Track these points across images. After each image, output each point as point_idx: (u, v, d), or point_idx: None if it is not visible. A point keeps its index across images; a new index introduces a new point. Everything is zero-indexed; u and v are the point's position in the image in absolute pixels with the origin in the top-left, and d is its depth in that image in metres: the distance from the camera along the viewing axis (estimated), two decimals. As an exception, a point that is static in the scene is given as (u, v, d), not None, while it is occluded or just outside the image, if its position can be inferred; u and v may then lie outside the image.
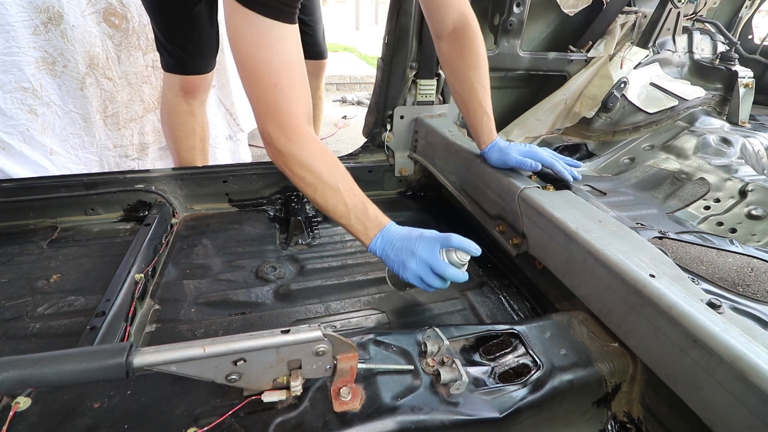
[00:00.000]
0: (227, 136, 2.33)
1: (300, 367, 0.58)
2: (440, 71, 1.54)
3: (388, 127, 1.57)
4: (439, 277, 0.88)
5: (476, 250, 0.89)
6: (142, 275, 1.01)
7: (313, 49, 2.05)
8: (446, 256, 0.88)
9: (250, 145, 2.67)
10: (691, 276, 0.90)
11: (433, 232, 0.92)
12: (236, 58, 0.89)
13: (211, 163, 1.76)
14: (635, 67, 1.82)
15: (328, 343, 0.56)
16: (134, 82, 1.83)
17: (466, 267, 0.90)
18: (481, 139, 1.22)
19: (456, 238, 0.89)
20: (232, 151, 2.39)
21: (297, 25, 0.89)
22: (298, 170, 0.91)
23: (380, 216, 0.96)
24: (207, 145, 1.70)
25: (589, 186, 1.53)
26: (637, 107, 1.83)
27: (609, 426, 0.75)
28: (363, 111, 4.14)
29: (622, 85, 1.78)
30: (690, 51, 1.99)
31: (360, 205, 0.95)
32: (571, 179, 1.12)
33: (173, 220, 1.33)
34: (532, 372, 0.70)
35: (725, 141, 1.65)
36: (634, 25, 1.83)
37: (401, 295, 1.10)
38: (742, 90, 1.89)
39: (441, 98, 1.60)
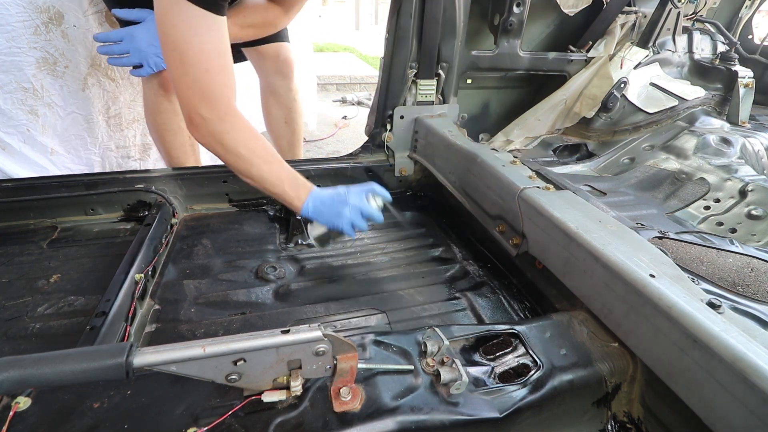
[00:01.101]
0: None
1: (300, 367, 0.58)
2: (440, 71, 1.54)
3: (388, 127, 1.57)
4: (365, 220, 1.07)
5: (388, 195, 1.11)
6: (142, 275, 1.01)
7: None
8: (371, 202, 1.08)
9: None
10: (691, 276, 0.90)
11: (356, 185, 1.10)
12: (166, 44, 0.92)
13: (202, 159, 1.76)
14: (635, 67, 1.82)
15: (328, 343, 0.56)
16: (136, 82, 1.82)
17: (381, 209, 1.10)
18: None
19: (377, 186, 1.10)
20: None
21: (225, 18, 0.94)
22: (233, 147, 0.98)
23: (307, 182, 1.08)
24: (195, 142, 1.69)
25: (589, 186, 1.53)
26: (637, 107, 1.83)
27: (609, 426, 0.75)
28: (363, 111, 4.14)
29: (622, 85, 1.78)
30: (690, 51, 1.99)
31: (290, 174, 1.06)
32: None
33: (173, 220, 1.33)
34: (532, 372, 0.70)
35: (725, 141, 1.65)
36: (634, 25, 1.83)
37: (401, 294, 1.10)
38: (742, 90, 1.89)
39: (441, 98, 1.60)
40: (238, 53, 1.70)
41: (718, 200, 1.42)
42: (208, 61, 0.91)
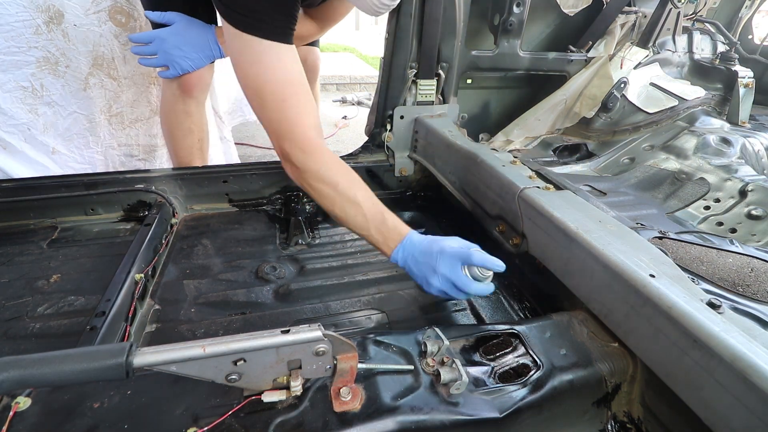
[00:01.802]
0: (220, 137, 2.33)
1: (300, 367, 0.58)
2: (440, 71, 1.54)
3: (388, 127, 1.57)
4: (463, 292, 0.88)
5: (500, 266, 0.86)
6: (142, 275, 1.01)
7: None
8: (468, 272, 0.88)
9: (236, 143, 2.67)
10: (691, 276, 0.90)
11: (455, 245, 0.90)
12: (243, 83, 0.94)
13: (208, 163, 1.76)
14: (635, 67, 1.82)
15: (328, 343, 0.56)
16: (140, 83, 1.82)
17: (490, 279, 0.90)
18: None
19: (477, 257, 0.87)
20: (224, 152, 2.38)
21: (294, 45, 0.94)
22: (316, 184, 0.94)
23: (400, 225, 0.96)
24: (205, 145, 1.69)
25: (589, 186, 1.53)
26: (637, 107, 1.83)
27: (609, 426, 0.75)
28: (363, 111, 4.14)
29: (622, 85, 1.78)
30: (690, 51, 1.99)
31: (379, 215, 0.95)
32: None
33: (173, 220, 1.33)
34: (532, 372, 0.70)
35: (725, 141, 1.65)
36: (634, 25, 1.83)
37: (401, 294, 1.10)
38: (742, 90, 1.89)
39: (441, 98, 1.60)
40: None
41: (718, 200, 1.42)
42: (282, 91, 0.91)
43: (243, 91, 0.96)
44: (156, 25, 1.38)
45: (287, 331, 0.55)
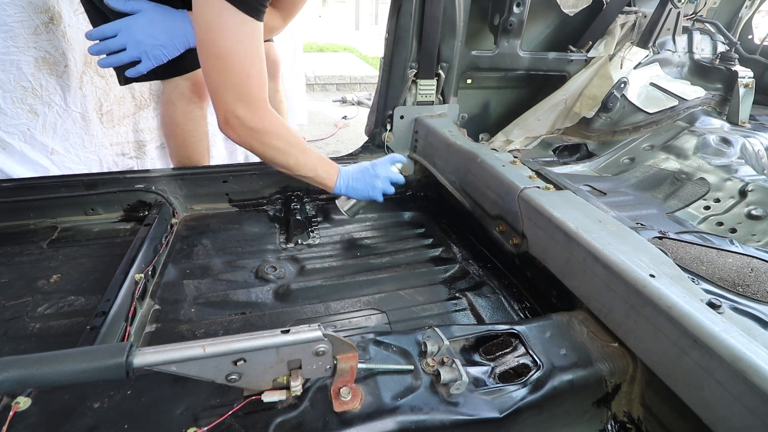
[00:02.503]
0: (224, 137, 2.33)
1: (300, 367, 0.58)
2: (440, 71, 1.54)
3: (388, 127, 1.57)
4: (392, 185, 1.25)
5: (405, 160, 1.31)
6: (142, 275, 1.01)
7: None
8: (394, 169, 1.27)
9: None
10: (691, 276, 0.90)
11: (378, 159, 1.27)
12: (208, 49, 0.94)
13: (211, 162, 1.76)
14: (635, 67, 1.83)
15: (328, 343, 0.56)
16: None
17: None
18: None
19: (397, 155, 1.31)
20: (230, 151, 2.38)
21: (263, 24, 0.95)
22: (272, 141, 1.04)
23: (333, 162, 1.20)
24: (209, 146, 1.69)
25: (589, 186, 1.53)
26: (637, 107, 1.83)
27: (609, 426, 0.75)
28: (363, 111, 4.14)
29: (622, 85, 1.78)
30: (690, 51, 1.99)
31: (320, 158, 1.16)
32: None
33: (173, 220, 1.33)
34: (532, 372, 0.70)
35: (725, 141, 1.65)
36: (634, 25, 1.83)
37: (401, 294, 1.10)
38: (742, 90, 1.89)
39: (441, 98, 1.60)
40: None
41: (718, 200, 1.43)
42: (250, 66, 0.95)
43: (201, 58, 0.95)
44: (117, 16, 1.20)
45: (287, 331, 0.55)
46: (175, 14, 1.21)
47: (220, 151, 2.32)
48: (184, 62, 1.37)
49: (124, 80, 1.38)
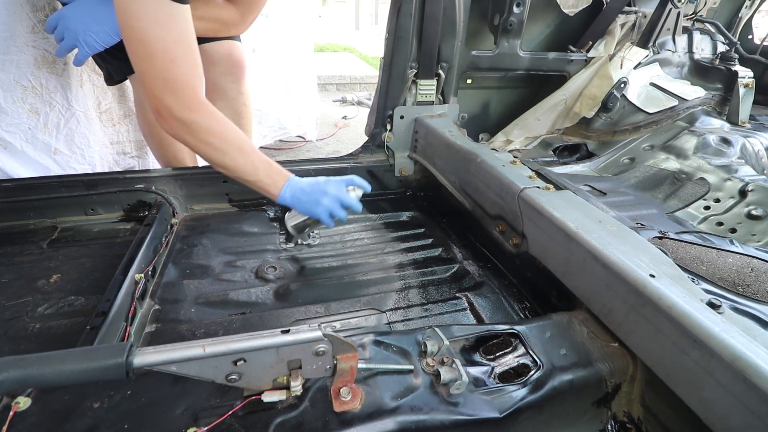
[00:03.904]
0: None
1: (300, 367, 0.58)
2: (440, 71, 1.54)
3: (388, 127, 1.57)
4: (344, 209, 1.09)
5: (368, 186, 1.14)
6: (142, 275, 1.01)
7: None
8: (352, 193, 1.12)
9: None
10: (691, 276, 0.90)
11: (334, 177, 1.13)
12: (129, 36, 0.90)
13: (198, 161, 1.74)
14: (635, 67, 1.82)
15: (328, 343, 0.56)
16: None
17: (359, 200, 1.13)
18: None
19: (357, 178, 1.14)
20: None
21: (189, 5, 0.92)
22: (204, 137, 0.96)
23: (283, 170, 1.09)
24: None
25: (589, 186, 1.53)
26: (637, 107, 1.83)
27: (609, 426, 0.75)
28: (363, 111, 4.14)
29: (622, 85, 1.78)
30: (690, 51, 1.99)
31: (265, 162, 1.06)
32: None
33: (173, 220, 1.33)
34: (532, 372, 0.70)
35: (725, 141, 1.65)
36: (634, 25, 1.83)
37: (401, 294, 1.10)
38: (742, 90, 1.89)
39: (441, 98, 1.60)
40: None
41: (718, 200, 1.42)
42: (173, 51, 0.90)
43: (126, 45, 0.91)
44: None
45: (287, 331, 0.55)
46: (106, 2, 1.19)
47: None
48: None
49: (108, 80, 1.38)
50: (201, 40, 1.57)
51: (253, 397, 0.60)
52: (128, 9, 0.87)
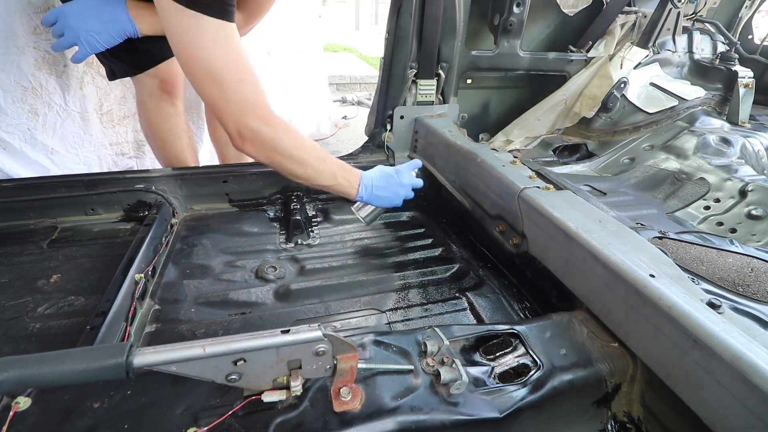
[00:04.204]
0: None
1: (300, 367, 0.58)
2: (440, 71, 1.54)
3: (388, 127, 1.57)
4: (414, 190, 1.21)
5: (420, 163, 1.28)
6: (142, 275, 1.01)
7: None
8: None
9: None
10: (691, 276, 0.90)
11: (399, 166, 1.21)
12: (191, 65, 0.88)
13: (200, 162, 1.75)
14: (635, 67, 1.83)
15: (328, 343, 0.56)
16: (126, 79, 1.82)
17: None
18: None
19: (416, 160, 1.26)
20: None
21: (236, 24, 0.91)
22: (288, 151, 0.97)
23: (353, 169, 1.12)
24: (194, 143, 1.67)
25: (589, 186, 1.53)
26: (637, 107, 1.83)
27: (609, 426, 0.75)
28: (363, 111, 4.14)
29: (622, 85, 1.78)
30: (690, 51, 1.99)
31: (338, 164, 1.08)
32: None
33: (173, 220, 1.33)
34: (532, 372, 0.70)
35: (725, 141, 1.65)
36: (634, 25, 1.83)
37: (401, 294, 1.10)
38: (742, 90, 1.89)
39: (441, 98, 1.60)
40: None
41: (718, 200, 1.43)
42: (238, 71, 0.89)
43: (189, 74, 0.90)
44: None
45: (287, 331, 0.55)
46: (110, 2, 1.19)
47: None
48: (148, 55, 1.35)
49: (110, 74, 1.38)
50: None
51: (253, 397, 0.60)
52: (188, 39, 0.85)
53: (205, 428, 0.57)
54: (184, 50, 0.87)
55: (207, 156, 2.18)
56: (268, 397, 0.59)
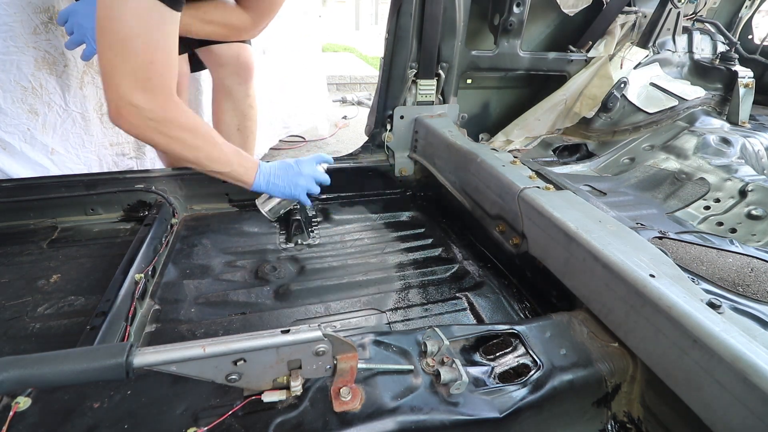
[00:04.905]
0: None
1: (300, 367, 0.58)
2: (440, 71, 1.54)
3: (388, 127, 1.57)
4: (317, 185, 1.18)
5: (331, 159, 1.24)
6: (142, 275, 1.01)
7: None
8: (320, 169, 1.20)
9: None
10: (691, 276, 0.90)
11: (303, 157, 1.19)
12: (108, 26, 0.87)
13: None
14: (635, 67, 1.83)
15: (328, 343, 0.56)
16: None
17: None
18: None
19: (324, 154, 1.23)
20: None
21: (179, 14, 0.90)
22: (178, 133, 0.95)
23: (251, 157, 1.10)
24: None
25: (589, 186, 1.53)
26: (637, 107, 1.83)
27: (609, 426, 0.75)
28: (363, 111, 4.14)
29: (622, 85, 1.78)
30: (690, 51, 1.99)
31: (235, 151, 1.06)
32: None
33: (173, 220, 1.33)
34: (532, 372, 0.70)
35: (725, 141, 1.65)
36: (634, 25, 1.83)
37: (401, 294, 1.10)
38: (742, 90, 1.89)
39: (441, 98, 1.60)
40: (198, 62, 1.66)
41: (718, 200, 1.42)
42: (154, 53, 0.88)
43: (99, 36, 0.87)
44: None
45: (287, 331, 0.55)
46: None
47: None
48: None
49: None
50: (211, 42, 1.58)
51: (253, 397, 0.60)
52: (115, 6, 0.84)
53: (205, 428, 0.57)
54: (108, 12, 0.85)
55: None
56: (268, 397, 0.59)
